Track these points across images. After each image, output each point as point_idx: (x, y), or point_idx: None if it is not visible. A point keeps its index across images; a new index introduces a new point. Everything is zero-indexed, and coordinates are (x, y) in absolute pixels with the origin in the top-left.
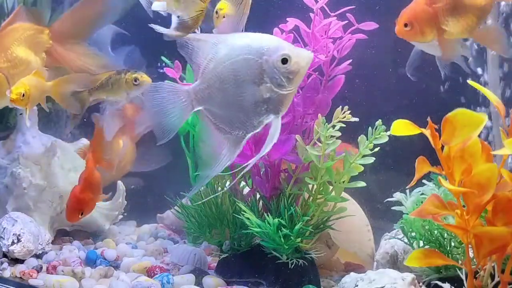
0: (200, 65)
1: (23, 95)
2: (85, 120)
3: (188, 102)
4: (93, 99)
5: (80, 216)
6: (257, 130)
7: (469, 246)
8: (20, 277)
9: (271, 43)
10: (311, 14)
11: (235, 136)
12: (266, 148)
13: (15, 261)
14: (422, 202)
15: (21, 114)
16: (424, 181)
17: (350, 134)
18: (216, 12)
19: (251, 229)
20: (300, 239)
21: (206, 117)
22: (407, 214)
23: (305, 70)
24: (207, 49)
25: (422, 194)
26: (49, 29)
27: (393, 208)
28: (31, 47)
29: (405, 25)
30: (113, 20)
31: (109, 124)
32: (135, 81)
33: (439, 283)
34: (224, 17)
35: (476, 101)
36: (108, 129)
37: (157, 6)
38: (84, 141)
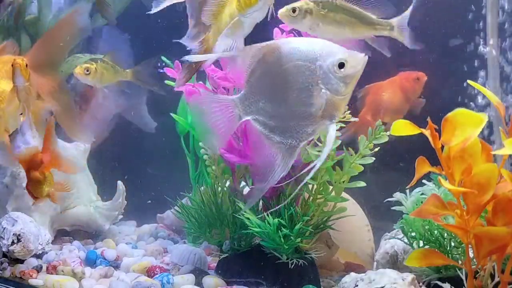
0: (244, 73)
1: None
2: None
3: (235, 112)
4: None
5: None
6: (311, 138)
7: (469, 246)
8: (20, 277)
9: (323, 47)
10: None
11: (288, 145)
12: (323, 155)
13: (15, 261)
14: (422, 202)
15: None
16: (424, 181)
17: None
18: None
19: (251, 229)
20: (300, 239)
21: (255, 127)
22: (407, 214)
23: (360, 73)
24: (249, 56)
25: (422, 194)
26: (26, 58)
27: (393, 208)
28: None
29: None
30: (82, 38)
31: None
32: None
33: (439, 283)
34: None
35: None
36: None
37: None
38: None
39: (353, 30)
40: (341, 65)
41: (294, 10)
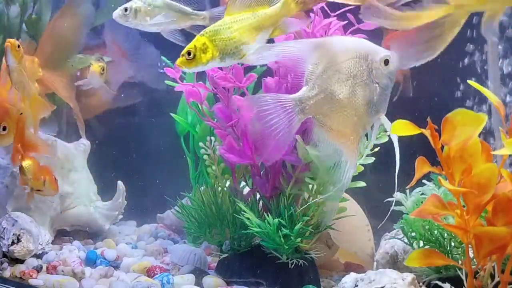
0: (302, 71)
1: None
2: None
3: (296, 112)
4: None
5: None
6: (365, 132)
7: (469, 246)
8: (20, 277)
9: (370, 45)
10: (311, 14)
11: (350, 141)
12: (397, 152)
13: (15, 261)
14: (422, 202)
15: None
16: (424, 181)
17: None
18: None
19: (251, 229)
20: (300, 239)
21: (318, 126)
22: (407, 214)
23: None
24: (306, 54)
25: (422, 194)
26: (37, 57)
27: (393, 208)
28: (30, 79)
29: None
30: (88, 30)
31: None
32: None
33: (439, 283)
34: None
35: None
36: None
37: None
38: (84, 141)
39: (174, 21)
40: (386, 62)
41: (126, 10)
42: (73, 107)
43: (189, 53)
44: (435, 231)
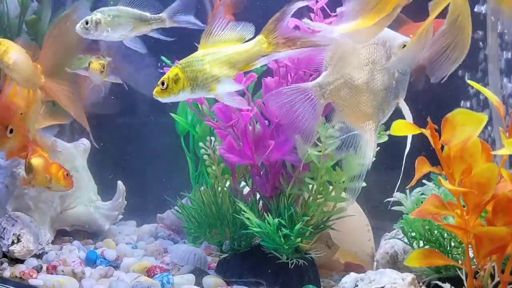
0: (321, 58)
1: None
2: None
3: (317, 97)
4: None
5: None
6: (385, 119)
7: (469, 246)
8: (20, 277)
9: (387, 31)
10: (311, 14)
11: (368, 125)
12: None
13: (15, 261)
14: (422, 202)
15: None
16: (424, 181)
17: None
18: None
19: (251, 229)
20: (300, 239)
21: (338, 111)
22: (407, 214)
23: None
24: (325, 40)
25: (422, 194)
26: (39, 64)
27: (393, 208)
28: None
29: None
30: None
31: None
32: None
33: (439, 283)
34: None
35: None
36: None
37: None
38: (85, 141)
39: (135, 28)
40: (403, 47)
41: (87, 23)
42: (74, 115)
43: (163, 83)
44: (435, 231)
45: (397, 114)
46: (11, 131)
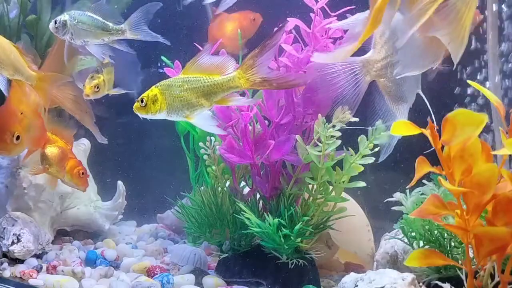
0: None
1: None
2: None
3: (363, 73)
4: None
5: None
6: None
7: (469, 246)
8: (20, 277)
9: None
10: (311, 14)
11: (404, 107)
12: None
13: (15, 261)
14: (422, 202)
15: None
16: (424, 181)
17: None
18: None
19: (251, 229)
20: (300, 239)
21: (382, 88)
22: (407, 214)
23: None
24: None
25: (422, 194)
26: (43, 72)
27: (393, 208)
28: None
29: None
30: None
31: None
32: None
33: (439, 283)
34: None
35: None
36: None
37: None
38: (85, 141)
39: (96, 36)
40: None
41: (55, 22)
42: (80, 119)
43: (142, 101)
44: (435, 231)
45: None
46: (17, 138)
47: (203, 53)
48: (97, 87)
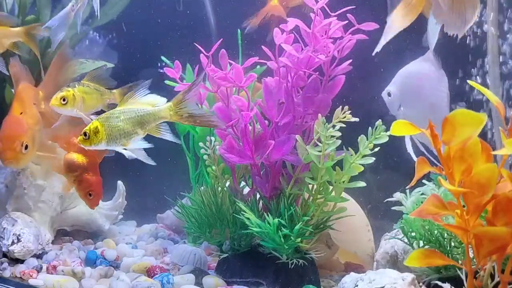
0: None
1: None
2: None
3: None
4: None
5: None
6: None
7: (469, 246)
8: (20, 277)
9: None
10: (312, 14)
11: None
12: None
13: (15, 261)
14: (422, 202)
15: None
16: (424, 181)
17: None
18: None
19: (251, 229)
20: (300, 239)
21: None
22: (407, 214)
23: None
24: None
25: (422, 194)
26: (40, 90)
27: (393, 208)
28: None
29: None
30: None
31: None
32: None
33: (439, 283)
34: None
35: None
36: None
37: None
38: None
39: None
40: None
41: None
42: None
43: (85, 134)
44: (435, 231)
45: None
46: (26, 147)
47: (139, 90)
48: (64, 100)
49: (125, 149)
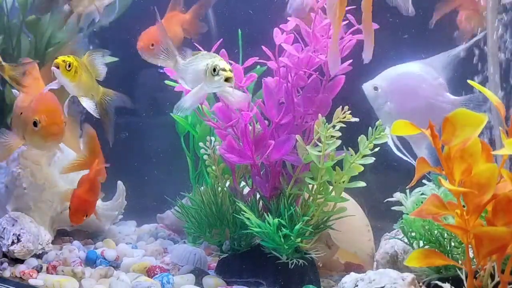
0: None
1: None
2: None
3: None
4: None
5: (84, 218)
6: None
7: (469, 246)
8: (20, 277)
9: None
10: (312, 14)
11: None
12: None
13: (15, 261)
14: (422, 202)
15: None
16: (424, 181)
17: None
18: None
19: (251, 229)
20: (300, 239)
21: None
22: (407, 214)
23: None
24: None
25: (422, 194)
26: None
27: (393, 208)
28: None
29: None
30: None
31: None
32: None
33: (439, 283)
34: None
35: None
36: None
37: None
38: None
39: None
40: None
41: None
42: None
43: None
44: (435, 231)
45: None
46: (35, 124)
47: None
48: (69, 66)
49: None
